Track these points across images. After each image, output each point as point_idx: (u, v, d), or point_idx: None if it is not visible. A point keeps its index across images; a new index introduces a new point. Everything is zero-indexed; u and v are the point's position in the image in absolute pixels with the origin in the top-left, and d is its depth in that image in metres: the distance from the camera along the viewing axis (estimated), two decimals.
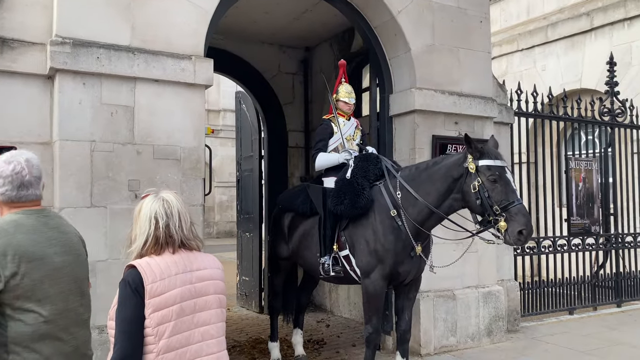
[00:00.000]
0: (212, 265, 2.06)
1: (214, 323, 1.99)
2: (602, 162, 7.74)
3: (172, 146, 4.09)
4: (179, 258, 1.97)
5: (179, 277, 1.92)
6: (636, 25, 9.73)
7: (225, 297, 2.07)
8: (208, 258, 2.08)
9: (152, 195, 2.04)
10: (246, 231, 7.67)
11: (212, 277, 2.02)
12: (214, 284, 2.02)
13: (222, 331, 2.03)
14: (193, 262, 1.99)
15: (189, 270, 1.96)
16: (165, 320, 1.86)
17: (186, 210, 2.06)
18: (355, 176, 4.22)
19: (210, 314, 1.98)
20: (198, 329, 1.94)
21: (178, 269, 1.94)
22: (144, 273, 1.87)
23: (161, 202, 2.00)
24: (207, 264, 2.04)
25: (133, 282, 1.87)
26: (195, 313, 1.93)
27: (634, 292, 7.92)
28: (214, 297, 2.00)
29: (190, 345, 1.91)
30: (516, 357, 5.22)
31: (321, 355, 5.33)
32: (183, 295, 1.91)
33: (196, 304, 1.94)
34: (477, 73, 5.84)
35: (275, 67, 7.81)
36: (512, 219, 3.49)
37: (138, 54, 3.98)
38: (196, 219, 4.07)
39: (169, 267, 1.92)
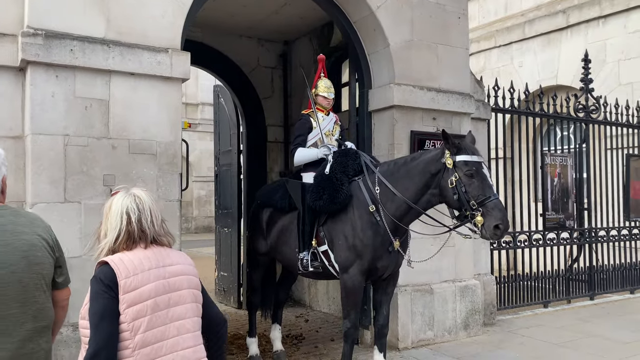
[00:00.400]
0: (183, 261, 2.06)
1: (189, 317, 1.99)
2: (576, 157, 7.88)
3: (148, 141, 4.03)
4: (151, 253, 1.97)
5: (152, 272, 1.92)
6: (610, 23, 9.91)
7: (200, 292, 2.07)
8: (179, 254, 2.09)
9: (123, 192, 2.04)
10: (224, 226, 7.62)
11: (185, 272, 2.03)
12: (187, 279, 2.02)
13: (197, 325, 2.03)
14: (165, 258, 2.00)
15: (162, 265, 1.97)
16: (140, 315, 1.86)
17: (157, 207, 2.07)
18: (334, 171, 4.21)
19: (186, 308, 1.99)
20: (173, 323, 1.94)
21: (151, 264, 1.94)
22: (117, 269, 1.86)
23: (132, 198, 2.01)
24: (178, 259, 2.05)
25: (106, 278, 1.86)
26: (170, 308, 1.94)
27: (607, 285, 8.10)
28: (188, 291, 2.00)
29: (166, 340, 1.91)
30: (492, 350, 5.30)
31: (300, 350, 5.33)
32: (157, 290, 1.91)
33: (170, 299, 1.94)
34: (455, 69, 5.88)
35: (254, 61, 7.75)
36: (488, 214, 3.52)
37: (113, 46, 3.90)
38: (173, 214, 4.05)
39: (142, 263, 1.92)
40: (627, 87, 9.48)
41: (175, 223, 4.10)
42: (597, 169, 8.20)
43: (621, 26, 9.72)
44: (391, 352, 5.02)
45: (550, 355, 5.16)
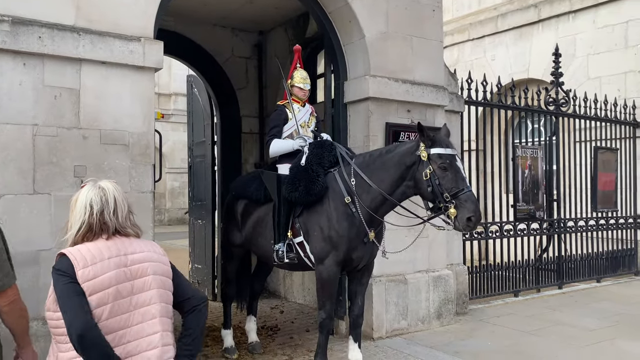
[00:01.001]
0: (149, 248, 2.07)
1: (155, 303, 1.99)
2: (546, 150, 8.04)
3: (120, 131, 3.96)
4: (112, 243, 1.98)
5: (113, 261, 1.93)
6: (580, 18, 10.11)
7: (169, 280, 2.07)
8: (145, 243, 2.10)
9: (90, 184, 2.05)
10: (198, 218, 7.55)
11: (149, 259, 2.03)
12: (153, 265, 2.02)
13: (166, 312, 2.04)
14: (128, 247, 2.01)
15: (123, 253, 1.97)
16: (101, 303, 1.87)
17: (124, 199, 2.07)
18: (309, 163, 4.21)
19: (150, 294, 1.98)
20: (137, 310, 1.95)
21: (111, 253, 1.94)
22: (74, 259, 1.88)
23: (97, 190, 2.02)
24: (143, 247, 2.05)
25: (63, 268, 1.88)
26: (133, 295, 1.94)
27: (574, 275, 8.32)
28: (154, 277, 2.00)
29: (130, 327, 1.92)
30: (464, 339, 5.40)
31: (275, 341, 5.34)
32: (118, 278, 1.91)
33: (133, 286, 1.95)
34: (429, 61, 5.92)
35: (228, 51, 7.67)
36: (461, 206, 3.57)
37: (83, 34, 3.80)
38: (146, 206, 4.00)
39: (101, 252, 1.93)
40: (596, 81, 9.71)
41: (148, 215, 4.04)
42: (567, 161, 8.39)
43: (590, 21, 9.93)
44: (366, 342, 5.07)
45: (520, 342, 5.28)
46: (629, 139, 9.20)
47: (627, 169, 9.14)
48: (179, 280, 2.12)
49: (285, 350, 5.01)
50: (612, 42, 9.58)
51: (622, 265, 8.98)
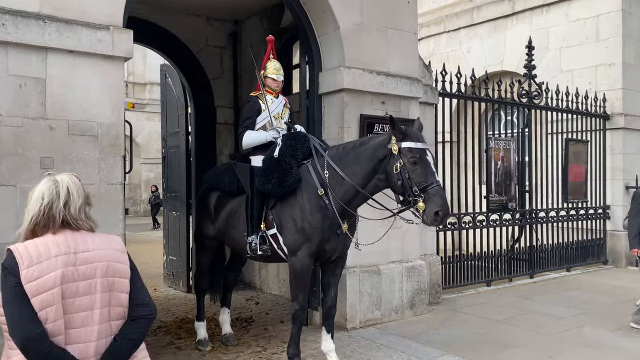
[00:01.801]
0: (103, 246, 1.96)
1: (98, 308, 1.90)
2: (519, 141, 8.16)
3: (89, 122, 3.87)
4: (62, 239, 1.90)
5: (60, 259, 1.85)
6: (553, 11, 10.24)
7: (123, 280, 1.97)
8: (103, 239, 1.99)
9: (47, 178, 1.99)
10: (173, 210, 7.48)
11: (102, 259, 1.93)
12: (104, 266, 1.92)
13: (109, 316, 1.94)
14: (79, 244, 1.91)
15: (73, 252, 1.88)
16: (46, 304, 1.79)
17: (81, 191, 2.00)
18: (283, 155, 4.19)
19: (94, 298, 1.89)
20: (79, 314, 1.87)
21: (59, 250, 1.86)
22: (19, 258, 1.81)
23: (50, 183, 1.95)
24: (97, 244, 1.95)
25: (9, 267, 1.82)
26: (76, 297, 1.86)
27: (545, 264, 8.50)
28: (101, 280, 1.91)
29: (70, 330, 1.85)
30: (437, 328, 5.47)
31: (249, 332, 5.34)
32: (64, 278, 1.83)
33: (78, 288, 1.87)
34: (404, 53, 5.93)
35: (202, 40, 7.57)
36: (429, 200, 3.60)
37: (49, 22, 3.70)
38: (116, 198, 3.95)
39: (48, 249, 1.85)
40: (568, 74, 9.86)
41: (118, 207, 3.98)
42: (539, 152, 8.53)
43: (563, 15, 10.06)
44: (339, 333, 5.10)
45: (491, 331, 5.38)
46: (599, 131, 9.40)
47: (597, 161, 9.34)
48: (135, 283, 2.01)
49: (259, 342, 5.01)
50: (583, 35, 9.73)
51: (591, 255, 9.21)
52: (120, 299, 1.96)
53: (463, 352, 4.70)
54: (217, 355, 4.67)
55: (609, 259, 9.37)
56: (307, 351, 4.66)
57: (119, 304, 1.96)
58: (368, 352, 4.73)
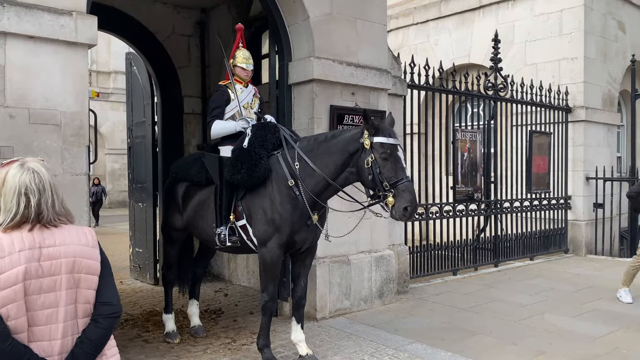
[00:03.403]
0: (71, 241, 1.86)
1: (63, 306, 1.83)
2: (485, 133, 8.31)
3: (51, 110, 3.75)
4: (28, 233, 1.80)
5: (23, 254, 1.76)
6: (519, 6, 10.43)
7: (91, 276, 1.89)
8: (72, 232, 1.89)
9: (18, 165, 1.84)
10: (139, 201, 7.34)
11: (67, 254, 1.84)
12: (68, 262, 1.83)
13: (76, 314, 1.87)
14: (46, 238, 1.82)
15: (38, 246, 1.79)
16: (8, 301, 1.72)
17: (55, 183, 1.89)
18: (252, 145, 4.15)
19: (58, 296, 1.82)
20: (43, 311, 1.80)
21: (23, 245, 1.77)
22: None
23: (32, 175, 1.82)
24: (65, 239, 1.85)
25: None
26: (41, 294, 1.78)
27: (510, 253, 8.72)
28: (67, 277, 1.83)
29: (33, 327, 1.79)
30: (405, 317, 5.55)
31: (218, 324, 5.31)
32: (27, 274, 1.75)
33: (42, 284, 1.79)
34: (373, 44, 5.95)
35: (169, 28, 7.42)
36: (399, 196, 3.63)
37: (8, 6, 3.55)
38: (80, 189, 3.85)
39: (12, 243, 1.76)
40: (532, 68, 10.08)
41: (83, 198, 3.88)
42: (504, 144, 8.71)
43: (528, 9, 10.26)
44: (309, 323, 5.12)
45: (457, 319, 5.49)
46: (562, 124, 9.65)
47: (560, 152, 9.60)
48: (103, 279, 1.92)
49: (228, 333, 4.99)
50: (547, 29, 9.95)
51: (554, 244, 9.49)
52: (87, 296, 1.89)
53: (430, 340, 4.78)
54: (185, 347, 4.63)
55: (569, 248, 9.67)
56: (277, 342, 4.67)
57: (86, 301, 1.89)
58: (338, 341, 4.76)
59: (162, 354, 4.46)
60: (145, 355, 4.45)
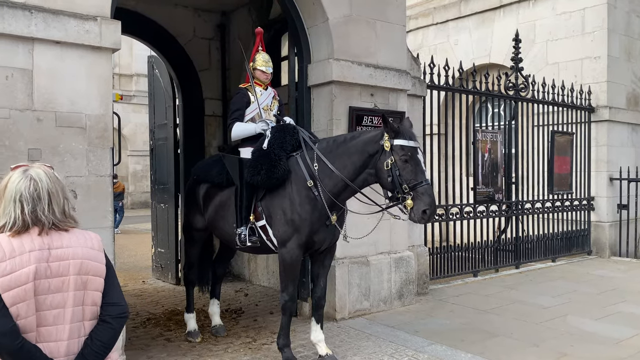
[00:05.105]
0: (78, 244, 1.90)
1: (70, 307, 1.85)
2: (506, 134, 8.24)
3: (77, 113, 3.85)
4: (37, 236, 1.84)
5: (33, 255, 1.80)
6: (540, 4, 10.31)
7: (98, 278, 1.92)
8: (79, 236, 1.93)
9: (21, 171, 1.87)
10: (161, 202, 7.46)
11: (75, 256, 1.87)
12: (77, 263, 1.87)
13: (83, 316, 1.89)
14: (54, 240, 1.86)
15: (47, 247, 1.83)
16: (18, 300, 1.75)
17: (60, 188, 1.92)
18: (272, 147, 4.20)
19: (66, 296, 1.85)
20: (50, 311, 1.82)
21: (33, 246, 1.81)
22: None
23: (29, 182, 1.85)
24: (72, 242, 1.89)
25: None
26: (48, 294, 1.82)
27: (531, 255, 8.63)
28: (74, 278, 1.86)
29: (40, 328, 1.81)
30: (424, 318, 5.54)
31: (239, 324, 5.37)
32: (37, 274, 1.79)
33: (50, 285, 1.82)
34: (392, 45, 5.95)
35: (190, 32, 7.52)
36: (418, 198, 3.65)
37: (36, 12, 3.66)
38: (104, 190, 3.94)
39: (22, 244, 1.80)
40: (554, 67, 9.95)
41: (107, 199, 3.97)
42: (525, 144, 8.62)
43: (550, 8, 10.13)
44: (329, 323, 5.15)
45: (477, 320, 5.46)
46: (584, 124, 9.51)
47: (582, 153, 9.46)
48: (109, 281, 1.95)
49: (249, 333, 5.04)
50: (569, 28, 9.81)
51: (576, 245, 9.35)
52: (94, 298, 1.92)
53: (450, 341, 4.77)
54: (207, 346, 4.70)
55: (592, 250, 9.52)
56: (296, 341, 4.71)
57: (93, 303, 1.92)
58: (357, 342, 4.78)
59: (184, 353, 4.54)
60: (168, 353, 4.52)
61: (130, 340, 4.70)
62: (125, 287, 6.89)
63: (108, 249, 3.95)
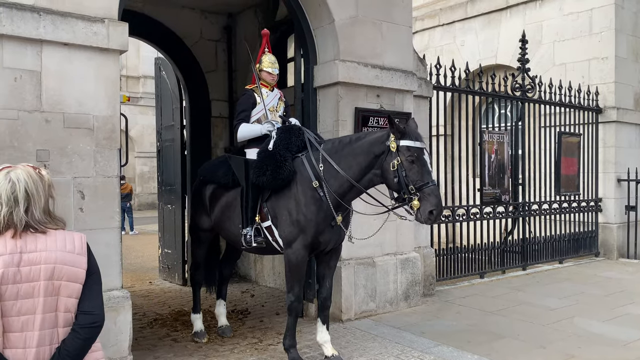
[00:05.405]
0: (56, 247, 1.84)
1: (40, 313, 1.80)
2: (512, 135, 8.21)
3: (84, 115, 3.88)
4: (10, 239, 1.80)
5: (2, 259, 1.75)
6: (547, 5, 10.27)
7: (73, 284, 1.85)
8: (57, 239, 1.87)
9: (4, 173, 1.86)
10: (168, 203, 7.49)
11: (47, 260, 1.81)
12: (48, 268, 1.80)
13: (56, 323, 1.84)
14: (29, 244, 1.81)
15: (19, 251, 1.78)
16: None
17: (41, 188, 1.88)
18: (277, 147, 4.21)
19: (35, 302, 1.79)
20: (19, 317, 1.77)
21: (4, 249, 1.77)
22: None
23: (7, 184, 1.82)
24: (49, 245, 1.83)
25: None
26: (18, 300, 1.77)
27: (538, 256, 8.59)
28: (45, 283, 1.80)
29: (8, 333, 1.77)
30: (431, 319, 5.53)
31: (245, 324, 5.38)
32: (4, 279, 1.74)
33: (20, 290, 1.77)
34: (399, 47, 5.95)
35: (197, 33, 7.56)
36: (424, 199, 3.66)
37: (44, 14, 3.69)
38: (112, 191, 3.96)
39: None
40: (561, 68, 9.91)
41: (114, 200, 4.00)
42: (532, 145, 8.59)
43: (557, 8, 10.10)
44: (335, 324, 5.15)
45: (483, 322, 5.45)
46: (592, 125, 9.47)
47: (590, 154, 9.42)
48: (88, 288, 1.87)
49: (255, 334, 5.05)
50: (577, 29, 9.77)
51: (584, 247, 9.30)
52: (67, 305, 1.84)
53: (456, 343, 4.76)
54: (213, 346, 4.71)
55: (600, 251, 9.47)
56: (302, 342, 4.71)
57: (66, 310, 1.85)
58: (363, 342, 4.78)
59: (190, 353, 4.55)
60: (174, 354, 4.54)
61: (137, 340, 4.72)
62: (132, 288, 6.92)
63: (115, 249, 3.98)
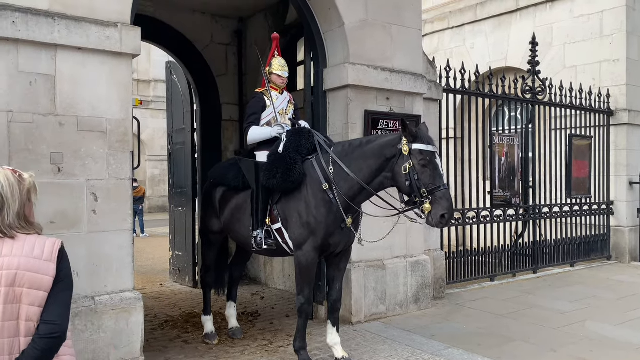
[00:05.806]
0: (22, 253, 1.79)
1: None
2: (523, 137, 8.18)
3: (98, 118, 3.93)
4: None
5: None
6: (557, 7, 10.23)
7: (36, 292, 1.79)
8: (25, 244, 1.83)
9: None
10: (179, 206, 7.54)
11: (10, 266, 1.76)
12: (9, 275, 1.75)
13: (18, 332, 1.78)
14: None
15: None
16: None
17: (17, 192, 1.85)
18: (287, 150, 4.24)
19: None
20: None
21: None
22: None
23: None
24: (15, 251, 1.79)
25: None
26: None
27: (549, 259, 8.53)
28: (4, 290, 1.74)
29: None
30: (441, 322, 5.52)
31: (255, 326, 5.40)
32: None
33: None
34: (408, 50, 5.96)
35: (207, 38, 7.62)
36: (436, 203, 3.67)
37: (59, 19, 3.75)
38: (124, 193, 4.01)
39: None
40: (572, 70, 9.86)
41: (127, 202, 4.04)
42: (542, 148, 8.55)
43: (567, 10, 10.05)
44: (345, 327, 5.16)
45: (494, 325, 5.42)
46: (603, 127, 9.40)
47: (601, 157, 9.35)
48: (53, 296, 1.81)
49: (265, 336, 5.07)
50: (587, 31, 9.72)
51: (595, 250, 9.23)
52: (29, 313, 1.78)
53: (467, 346, 4.75)
54: (224, 348, 4.74)
55: (612, 255, 9.39)
56: (313, 344, 4.72)
57: (28, 319, 1.78)
58: (373, 345, 4.78)
59: (201, 355, 4.58)
60: (185, 355, 4.57)
61: (149, 342, 4.76)
62: (143, 290, 6.97)
63: (127, 251, 4.02)
